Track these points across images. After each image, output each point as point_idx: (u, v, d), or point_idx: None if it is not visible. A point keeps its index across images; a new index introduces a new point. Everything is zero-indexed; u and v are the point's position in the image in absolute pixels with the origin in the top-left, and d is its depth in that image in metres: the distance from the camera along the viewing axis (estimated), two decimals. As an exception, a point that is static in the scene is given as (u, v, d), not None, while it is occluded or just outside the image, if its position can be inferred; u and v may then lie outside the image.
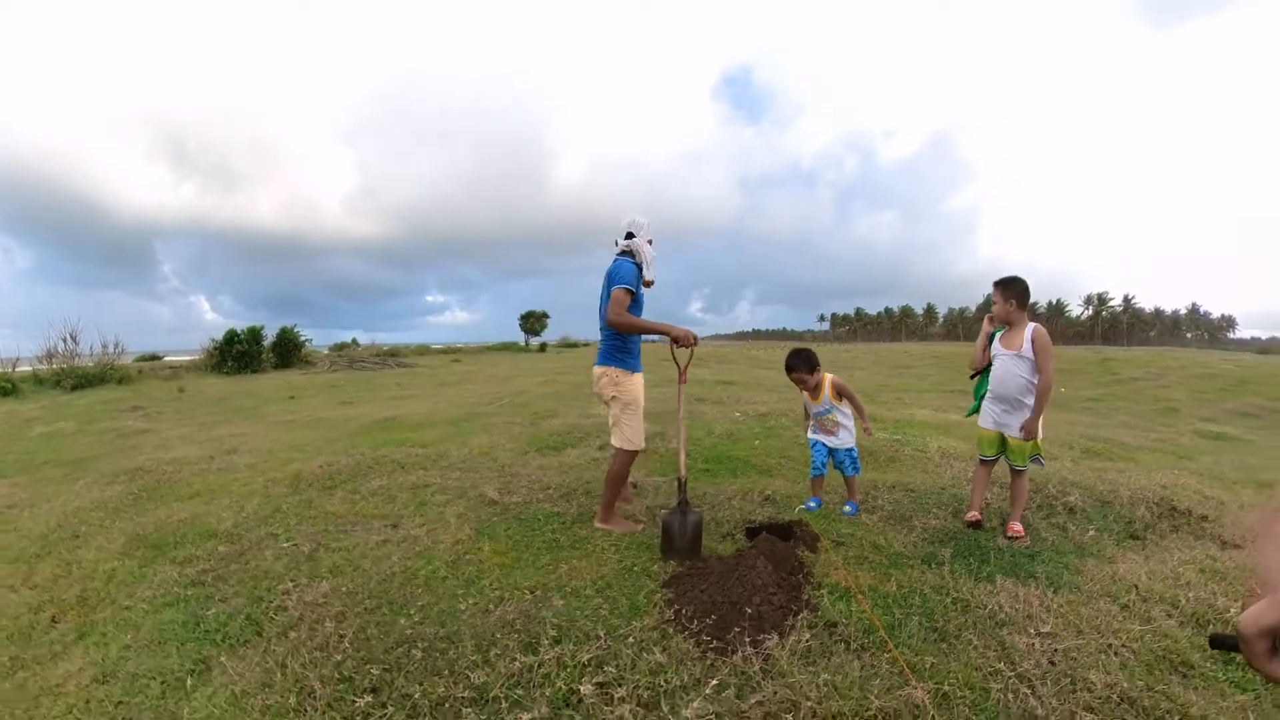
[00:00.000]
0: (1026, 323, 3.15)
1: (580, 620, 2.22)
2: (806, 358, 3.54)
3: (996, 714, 1.76)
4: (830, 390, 3.52)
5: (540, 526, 3.32)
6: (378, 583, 2.70)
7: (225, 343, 19.28)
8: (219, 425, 8.52)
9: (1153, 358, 21.25)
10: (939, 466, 4.71)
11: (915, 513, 3.48)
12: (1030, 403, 3.11)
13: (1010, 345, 3.16)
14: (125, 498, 4.40)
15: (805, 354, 3.57)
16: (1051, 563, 2.83)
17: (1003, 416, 3.22)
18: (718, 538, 3.11)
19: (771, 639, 2.03)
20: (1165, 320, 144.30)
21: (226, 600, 2.66)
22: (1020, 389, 3.12)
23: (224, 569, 2.99)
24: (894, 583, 2.55)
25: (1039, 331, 3.09)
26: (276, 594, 2.66)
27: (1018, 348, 3.12)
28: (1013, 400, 3.16)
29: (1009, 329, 3.21)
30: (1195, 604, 2.38)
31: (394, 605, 2.48)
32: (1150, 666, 2.00)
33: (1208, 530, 3.32)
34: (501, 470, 4.61)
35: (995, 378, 3.24)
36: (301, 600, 2.57)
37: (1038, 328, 3.11)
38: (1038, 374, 3.08)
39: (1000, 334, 3.27)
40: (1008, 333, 3.21)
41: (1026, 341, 3.09)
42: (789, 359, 3.58)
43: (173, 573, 2.97)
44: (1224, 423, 9.10)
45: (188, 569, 3.00)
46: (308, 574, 2.87)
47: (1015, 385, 3.13)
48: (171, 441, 7.10)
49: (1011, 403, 3.18)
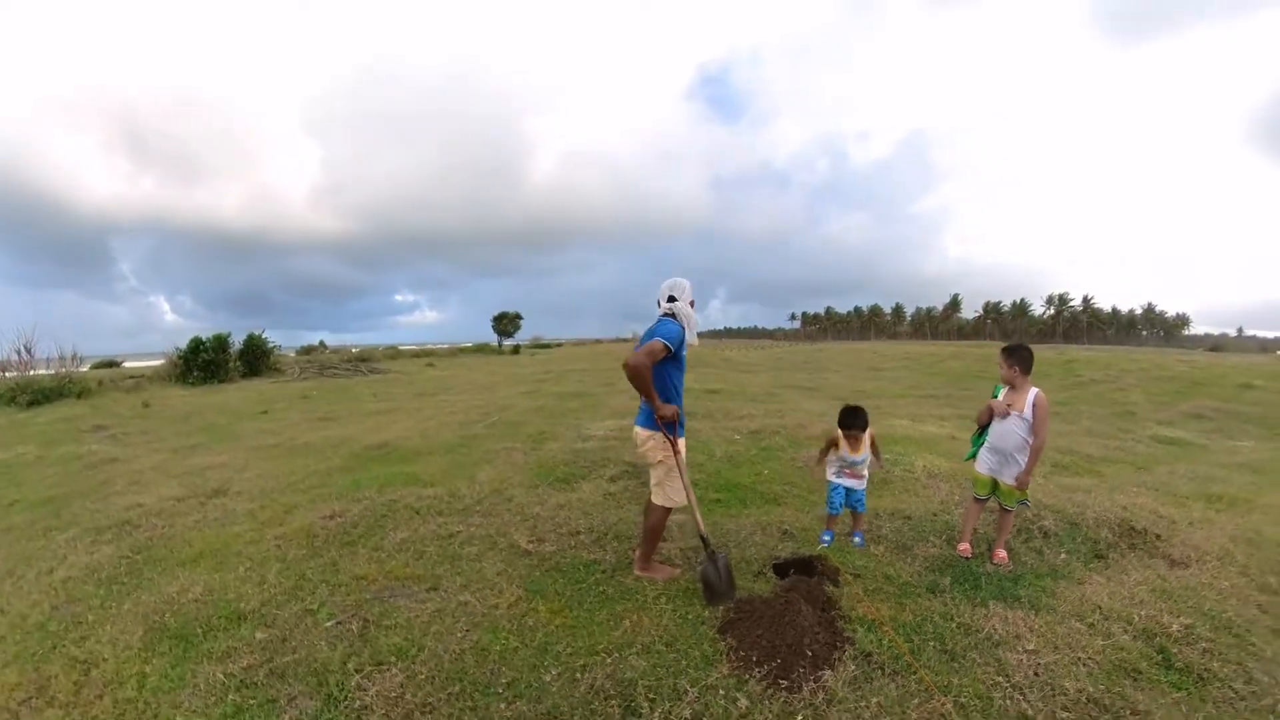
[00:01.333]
0: (1029, 387, 3.48)
1: (665, 678, 2.50)
2: (866, 418, 3.81)
3: (999, 718, 2.24)
4: (870, 442, 3.88)
5: (584, 577, 3.50)
6: (451, 663, 2.69)
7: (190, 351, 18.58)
8: (194, 452, 8.23)
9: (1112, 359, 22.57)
10: (928, 489, 5.17)
11: (915, 541, 3.93)
12: (1023, 460, 3.49)
13: (1014, 407, 3.50)
14: (119, 563, 4.08)
15: (864, 415, 3.81)
16: (1032, 586, 3.32)
17: (998, 466, 3.61)
18: (749, 576, 3.45)
19: (825, 673, 2.45)
20: (1122, 319, 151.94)
21: (295, 702, 2.49)
22: (1017, 446, 3.50)
23: (274, 662, 2.78)
24: (909, 611, 3.00)
25: (1040, 398, 3.45)
26: (349, 690, 2.54)
27: (1020, 409, 3.48)
28: (1008, 454, 3.55)
29: (1012, 390, 3.55)
30: (1145, 620, 2.94)
31: (479, 687, 2.51)
32: (1110, 673, 2.52)
33: (1160, 549, 3.86)
34: (522, 513, 4.70)
35: (995, 433, 3.59)
36: (381, 695, 2.50)
37: (1039, 394, 3.45)
38: (1033, 435, 3.45)
39: (1002, 392, 3.61)
40: (1010, 393, 3.55)
41: (1028, 406, 3.44)
42: (848, 418, 3.82)
43: (216, 673, 2.72)
44: (1179, 426, 9.75)
45: (231, 666, 2.76)
46: (370, 660, 2.77)
47: (1013, 442, 3.50)
48: (146, 475, 6.81)
49: (1007, 456, 3.56)
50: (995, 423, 3.62)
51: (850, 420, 3.85)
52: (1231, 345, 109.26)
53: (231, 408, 13.37)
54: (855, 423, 3.83)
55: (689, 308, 3.33)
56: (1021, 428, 3.48)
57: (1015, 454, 3.53)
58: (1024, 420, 3.47)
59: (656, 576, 3.45)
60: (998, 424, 3.60)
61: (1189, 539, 4.00)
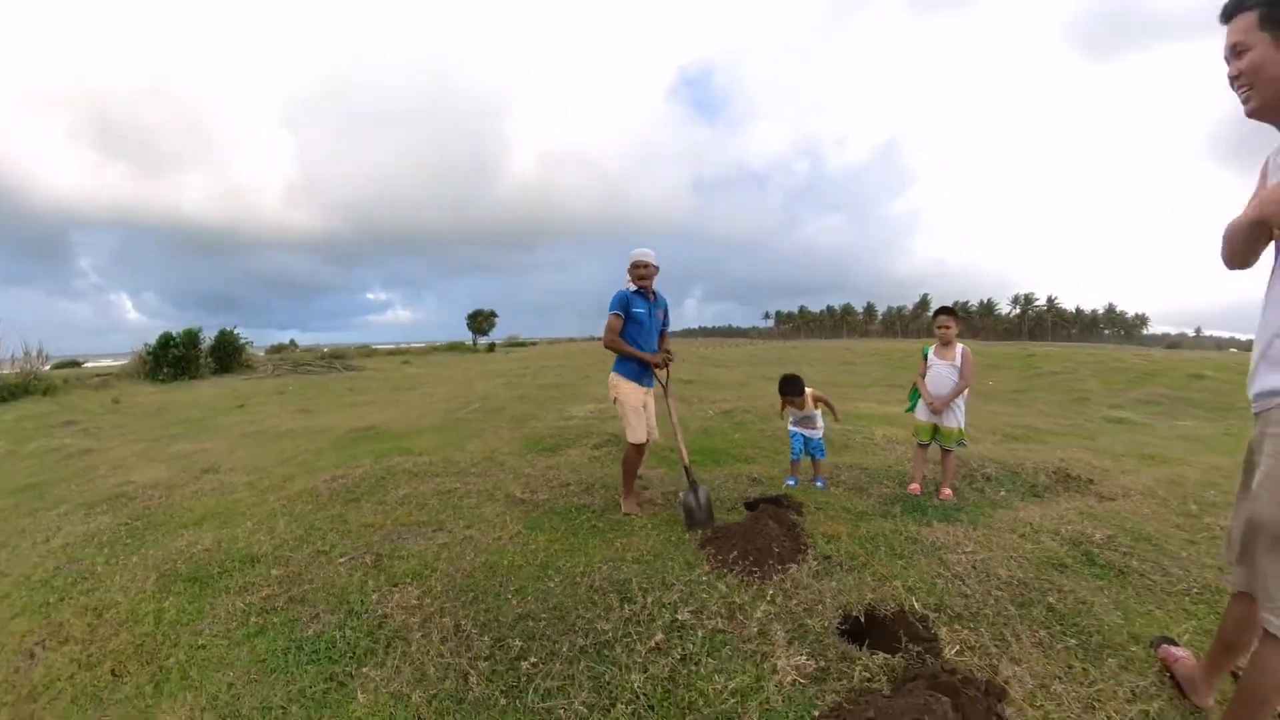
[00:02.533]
0: (957, 344, 4.09)
1: (655, 576, 2.89)
2: (800, 385, 4.32)
3: (943, 596, 2.66)
4: (812, 402, 4.37)
5: (577, 517, 3.85)
6: (463, 579, 2.95)
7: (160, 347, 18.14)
8: (175, 441, 8.19)
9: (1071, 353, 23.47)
10: (885, 450, 5.65)
11: (870, 484, 4.40)
12: (958, 409, 4.07)
13: (945, 357, 4.10)
14: (118, 529, 4.12)
15: (798, 382, 4.33)
16: (973, 512, 3.78)
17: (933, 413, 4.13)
18: (724, 511, 3.86)
19: (791, 567, 2.88)
20: (1085, 318, 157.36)
21: (319, 618, 2.67)
22: (949, 391, 4.06)
23: (293, 590, 2.95)
24: (863, 529, 3.44)
25: (968, 350, 4.07)
26: (369, 604, 2.74)
27: (951, 359, 4.07)
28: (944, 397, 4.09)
29: (944, 346, 4.11)
30: (1071, 532, 3.39)
31: (491, 595, 2.78)
32: (1039, 566, 2.97)
33: (1092, 490, 4.35)
34: (515, 473, 5.00)
35: (931, 380, 4.13)
36: (400, 605, 2.70)
37: (966, 348, 4.07)
38: (961, 378, 4.04)
39: (934, 348, 4.16)
40: (943, 348, 4.12)
41: (958, 357, 4.04)
42: (786, 387, 4.35)
43: (236, 603, 2.86)
44: (1129, 409, 10.34)
45: (250, 597, 2.91)
46: (386, 582, 2.96)
47: (947, 387, 4.06)
48: (128, 461, 6.78)
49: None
50: (930, 373, 4.15)
51: (787, 388, 4.35)
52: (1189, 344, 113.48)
53: (205, 403, 13.22)
54: (791, 389, 4.34)
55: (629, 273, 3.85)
56: (953, 374, 4.05)
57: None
58: (954, 368, 4.06)
59: (638, 511, 3.85)
60: (933, 372, 4.13)
61: (1119, 481, 4.51)
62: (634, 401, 3.81)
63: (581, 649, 2.36)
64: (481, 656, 2.35)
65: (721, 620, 2.49)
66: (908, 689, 1.98)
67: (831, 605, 2.57)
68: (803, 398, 4.32)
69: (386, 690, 2.18)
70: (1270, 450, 1.55)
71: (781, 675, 2.13)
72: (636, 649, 2.33)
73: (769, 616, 2.50)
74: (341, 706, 2.11)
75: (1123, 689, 2.05)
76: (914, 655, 2.22)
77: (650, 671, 2.20)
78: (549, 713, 2.05)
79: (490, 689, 2.17)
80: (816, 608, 2.56)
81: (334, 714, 2.08)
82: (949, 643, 2.30)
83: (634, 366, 3.83)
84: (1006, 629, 2.40)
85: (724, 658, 2.27)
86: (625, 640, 2.39)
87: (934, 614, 2.51)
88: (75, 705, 2.26)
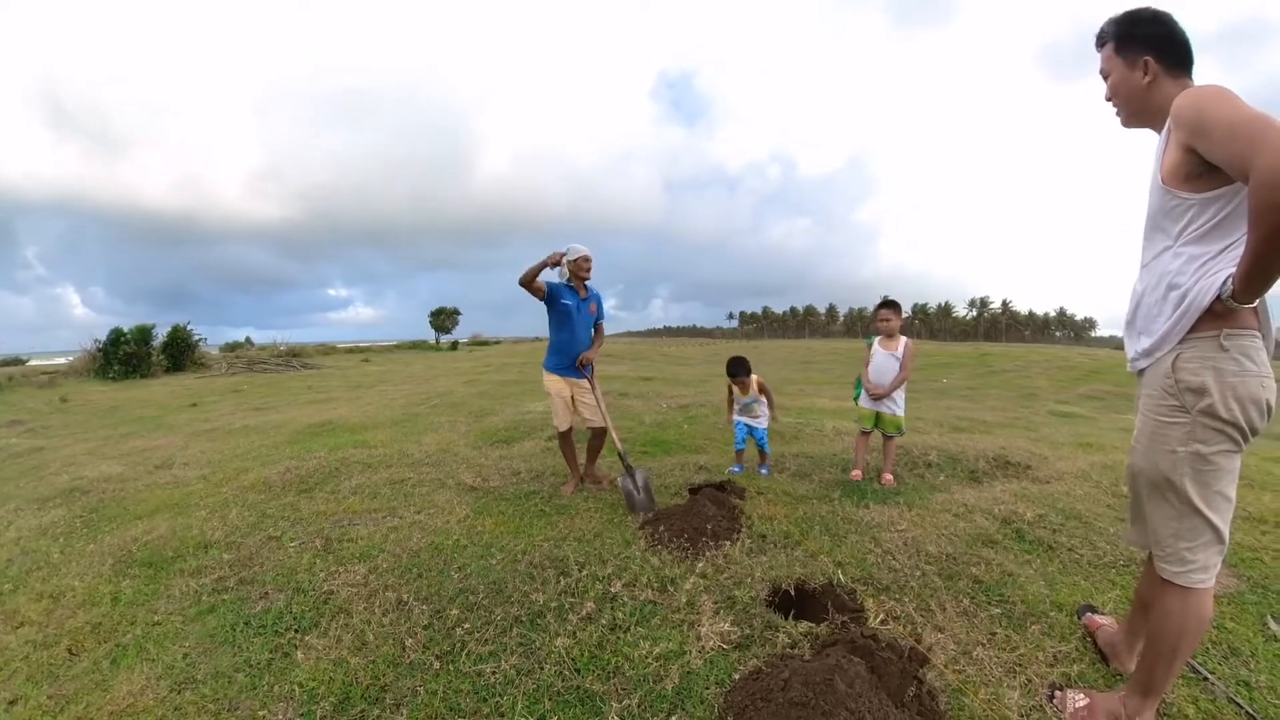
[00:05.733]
0: (900, 336, 4.27)
1: (593, 553, 2.99)
2: (747, 366, 4.47)
3: (872, 569, 2.79)
4: (755, 387, 4.51)
5: (525, 503, 3.94)
6: (408, 559, 3.04)
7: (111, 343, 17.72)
8: (128, 439, 8.04)
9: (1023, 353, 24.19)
10: (832, 440, 5.83)
11: (814, 470, 4.55)
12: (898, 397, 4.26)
13: (888, 348, 4.27)
14: (72, 521, 4.12)
15: (745, 363, 4.48)
16: (910, 495, 3.93)
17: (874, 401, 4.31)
18: (668, 496, 3.97)
19: (725, 544, 2.98)
20: (1037, 321, 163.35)
21: (268, 596, 2.77)
22: (892, 380, 4.24)
23: (243, 573, 3.02)
24: (801, 511, 3.56)
25: (910, 343, 4.25)
26: (316, 583, 2.83)
27: (894, 349, 4.24)
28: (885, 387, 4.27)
29: (888, 339, 4.28)
30: (1004, 511, 3.51)
31: (434, 572, 2.88)
32: (969, 542, 3.10)
33: (1029, 474, 4.50)
34: (468, 462, 5.06)
35: (874, 369, 4.30)
36: (346, 583, 2.81)
37: (909, 341, 4.26)
38: (902, 369, 4.22)
39: (878, 340, 4.32)
40: (887, 340, 4.29)
41: (900, 348, 4.22)
42: (734, 367, 4.47)
43: (189, 584, 2.94)
44: (1074, 404, 10.81)
45: (203, 579, 2.98)
46: (335, 563, 3.05)
47: (889, 376, 4.24)
48: (80, 458, 6.64)
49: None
50: (873, 362, 4.32)
51: (735, 369, 4.48)
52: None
53: (158, 401, 12.91)
54: (739, 370, 4.47)
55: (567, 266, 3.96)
56: (894, 364, 4.24)
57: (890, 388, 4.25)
58: (895, 358, 4.24)
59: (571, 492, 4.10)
60: (875, 362, 4.31)
61: (1055, 467, 4.65)
62: (555, 389, 4.06)
63: (516, 618, 2.45)
64: (420, 625, 2.45)
65: (652, 592, 2.60)
66: (826, 653, 2.08)
67: (761, 579, 2.69)
68: (748, 380, 4.45)
69: (328, 658, 2.27)
70: (1141, 407, 1.72)
71: (705, 641, 2.23)
72: (569, 618, 2.42)
73: (698, 589, 2.61)
74: (285, 672, 2.21)
75: (1044, 653, 2.14)
76: (839, 624, 2.32)
77: (579, 638, 2.29)
78: (480, 675, 2.12)
79: (426, 655, 2.26)
80: (745, 581, 2.67)
81: (277, 679, 2.18)
82: (875, 613, 2.42)
83: (555, 359, 4.05)
84: (932, 599, 2.52)
85: (652, 626, 2.37)
86: (557, 611, 2.48)
87: (862, 587, 2.63)
88: (30, 682, 2.29)
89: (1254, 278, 1.40)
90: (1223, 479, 1.58)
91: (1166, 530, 1.67)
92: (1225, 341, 1.51)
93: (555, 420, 4.13)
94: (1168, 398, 1.61)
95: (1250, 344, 1.52)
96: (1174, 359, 1.59)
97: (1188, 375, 1.56)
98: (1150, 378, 1.68)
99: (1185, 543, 1.64)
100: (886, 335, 4.29)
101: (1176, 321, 1.57)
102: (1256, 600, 2.50)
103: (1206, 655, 2.12)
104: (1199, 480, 1.58)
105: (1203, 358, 1.54)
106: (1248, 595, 2.53)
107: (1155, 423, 1.66)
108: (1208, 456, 1.56)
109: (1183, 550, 1.64)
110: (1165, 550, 1.68)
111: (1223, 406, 1.52)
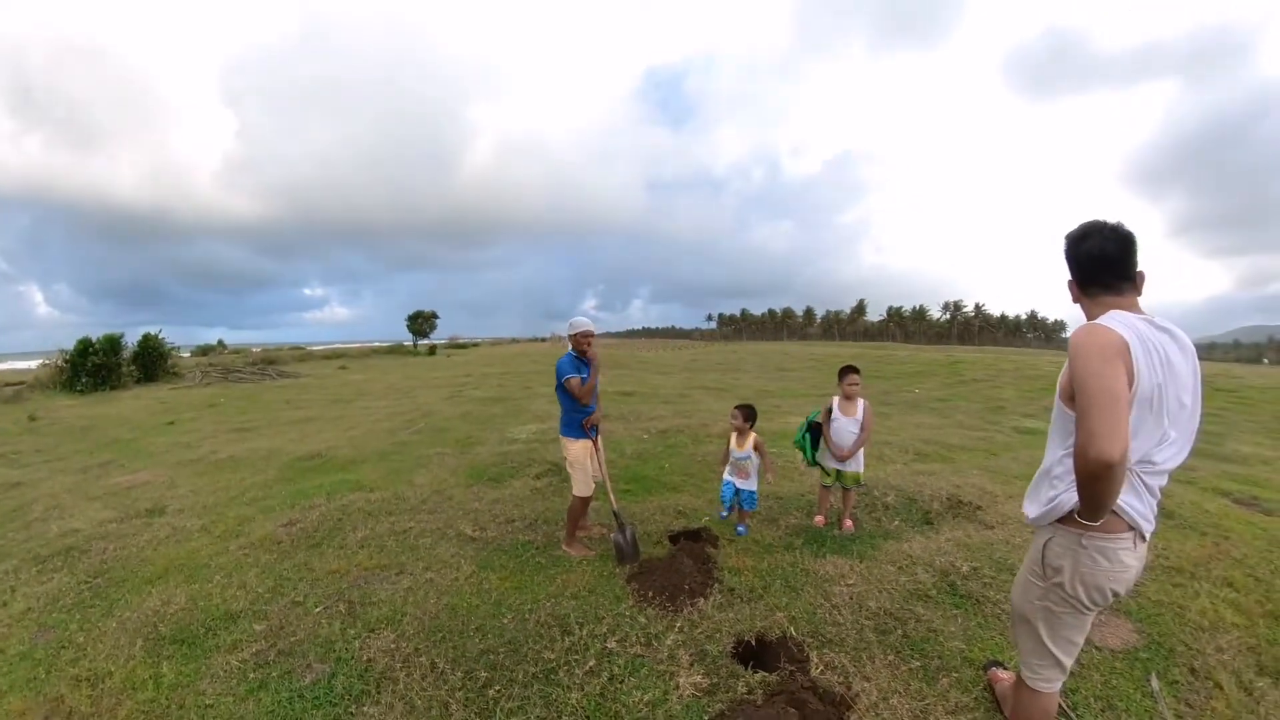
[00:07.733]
0: (859, 399, 4.57)
1: (589, 611, 3.44)
2: (754, 418, 4.67)
3: (820, 624, 3.28)
4: (752, 444, 4.68)
5: (522, 554, 4.33)
6: (430, 621, 3.36)
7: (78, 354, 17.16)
8: (107, 471, 8.00)
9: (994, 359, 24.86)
10: (804, 476, 6.18)
11: (781, 515, 5.03)
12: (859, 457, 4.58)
13: (848, 413, 4.57)
14: (80, 589, 4.07)
15: (753, 414, 4.67)
16: (864, 544, 4.38)
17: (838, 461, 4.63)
18: (650, 544, 4.41)
19: (700, 600, 3.49)
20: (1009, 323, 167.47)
21: (312, 668, 2.97)
22: (852, 445, 4.56)
23: (280, 644, 3.18)
24: (766, 563, 4.04)
25: (869, 405, 4.59)
26: (353, 651, 3.09)
27: (854, 415, 4.57)
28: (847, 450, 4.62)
29: (847, 400, 4.59)
30: (943, 564, 3.90)
31: (456, 634, 3.23)
32: (905, 597, 3.57)
33: (978, 517, 4.83)
34: (463, 508, 5.38)
35: (836, 433, 4.60)
36: (380, 650, 3.09)
37: (867, 404, 4.55)
38: (862, 430, 4.55)
39: (838, 402, 4.63)
40: (846, 402, 4.61)
41: (860, 412, 4.55)
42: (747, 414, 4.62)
43: (229, 661, 3.05)
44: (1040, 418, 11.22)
45: (242, 654, 3.11)
46: (364, 629, 3.31)
47: (849, 441, 4.55)
48: (61, 499, 6.53)
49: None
50: (834, 427, 4.62)
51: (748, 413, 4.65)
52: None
53: (132, 419, 12.80)
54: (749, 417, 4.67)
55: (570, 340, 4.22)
56: (855, 428, 4.58)
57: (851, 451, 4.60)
58: (856, 422, 4.59)
59: (574, 553, 4.31)
60: (837, 426, 4.62)
61: (1002, 509, 4.97)
62: (581, 459, 4.22)
63: (533, 675, 2.90)
64: (456, 688, 2.83)
65: (640, 647, 3.08)
66: (772, 700, 2.61)
67: (728, 633, 3.18)
68: (747, 432, 4.63)
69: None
70: (1028, 557, 2.16)
71: (682, 690, 2.73)
72: (575, 673, 2.89)
73: (677, 644, 3.10)
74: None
75: (947, 703, 2.61)
76: (787, 673, 2.83)
77: (586, 690, 2.78)
78: (512, 727, 2.57)
79: (467, 713, 2.68)
80: (715, 635, 3.16)
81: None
82: (816, 664, 2.92)
83: (574, 428, 4.21)
84: (865, 653, 3.02)
85: (642, 677, 2.85)
86: (566, 666, 2.95)
87: (809, 640, 3.13)
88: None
89: (1087, 510, 1.77)
90: (1069, 629, 2.06)
91: (1024, 649, 2.19)
92: (1085, 541, 1.90)
93: (577, 489, 4.21)
94: (1036, 565, 2.07)
95: (1107, 545, 1.86)
96: (1046, 541, 2.02)
97: (1052, 558, 2.00)
98: (1034, 540, 2.12)
99: (1036, 660, 2.15)
100: (848, 398, 4.59)
101: (1046, 515, 1.99)
102: (1148, 657, 2.91)
103: (1086, 708, 2.63)
104: (1050, 626, 2.08)
105: (1065, 547, 1.96)
106: (1141, 652, 2.95)
107: (1026, 576, 2.13)
108: (1057, 614, 2.04)
109: (1034, 664, 2.16)
110: (1022, 659, 2.21)
111: (1070, 586, 1.96)
